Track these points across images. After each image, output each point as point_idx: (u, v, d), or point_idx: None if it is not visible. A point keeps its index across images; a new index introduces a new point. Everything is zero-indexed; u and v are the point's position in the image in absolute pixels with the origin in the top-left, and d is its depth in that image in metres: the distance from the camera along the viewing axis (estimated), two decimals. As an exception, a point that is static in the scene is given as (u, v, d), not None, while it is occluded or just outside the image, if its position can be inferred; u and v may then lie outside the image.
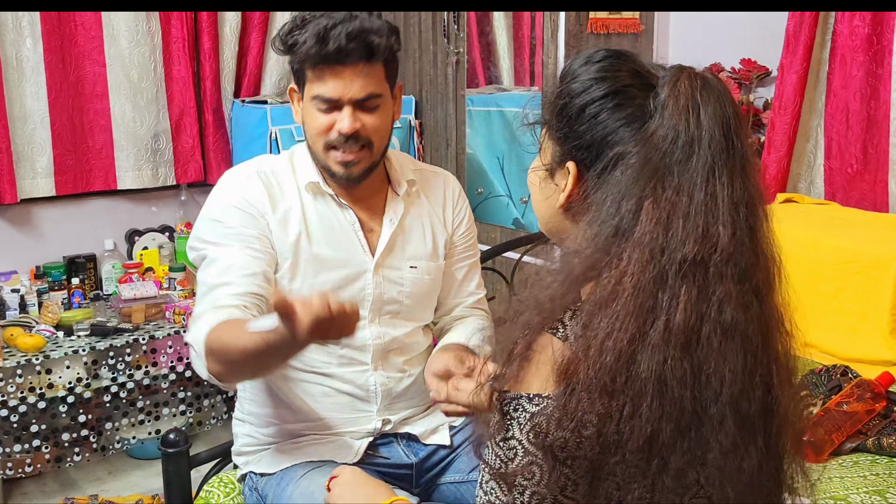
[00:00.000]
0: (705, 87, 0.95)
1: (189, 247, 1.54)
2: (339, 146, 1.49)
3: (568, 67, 1.01)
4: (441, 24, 3.21)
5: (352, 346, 1.54)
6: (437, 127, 3.34)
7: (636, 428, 0.86)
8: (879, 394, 1.77)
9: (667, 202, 0.90)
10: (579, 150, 0.97)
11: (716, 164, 0.91)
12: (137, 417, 2.78)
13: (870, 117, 2.56)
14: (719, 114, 0.93)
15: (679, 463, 0.90)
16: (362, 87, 1.46)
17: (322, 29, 1.42)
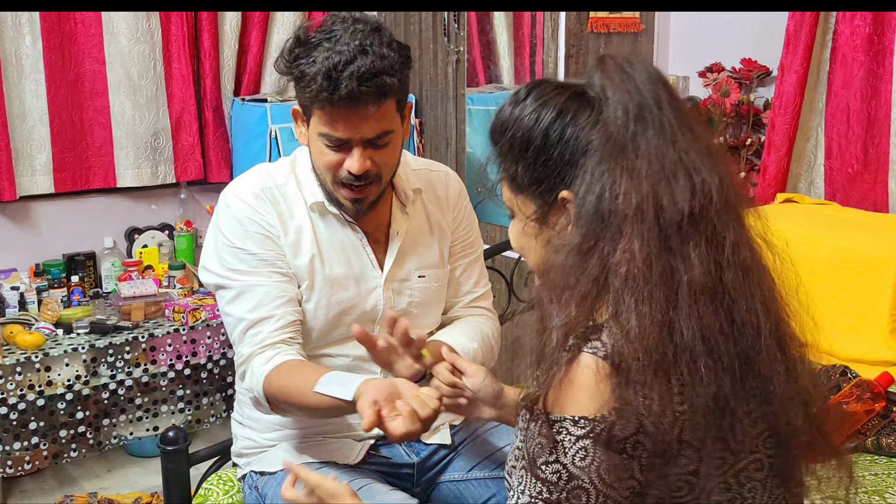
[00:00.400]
0: (628, 61, 0.98)
1: (208, 272, 1.50)
2: (347, 183, 1.44)
3: (503, 117, 1.03)
4: (441, 23, 3.21)
5: (362, 356, 1.52)
6: (437, 126, 3.34)
7: (699, 392, 0.87)
8: (879, 394, 1.77)
9: (640, 170, 0.91)
10: (562, 174, 0.97)
11: (672, 120, 0.94)
12: (136, 415, 2.78)
13: (870, 117, 2.56)
14: (652, 75, 0.96)
15: (747, 409, 0.92)
16: (373, 127, 1.40)
17: (331, 68, 1.34)
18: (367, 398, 1.18)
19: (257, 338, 1.43)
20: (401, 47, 1.42)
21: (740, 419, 0.92)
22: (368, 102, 1.36)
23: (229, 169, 3.27)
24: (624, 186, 0.91)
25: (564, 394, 0.90)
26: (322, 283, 1.50)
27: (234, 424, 1.65)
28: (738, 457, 0.93)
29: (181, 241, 3.16)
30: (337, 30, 1.38)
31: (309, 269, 1.49)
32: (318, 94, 1.35)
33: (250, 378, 1.43)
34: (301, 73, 1.38)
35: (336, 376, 1.32)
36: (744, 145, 3.00)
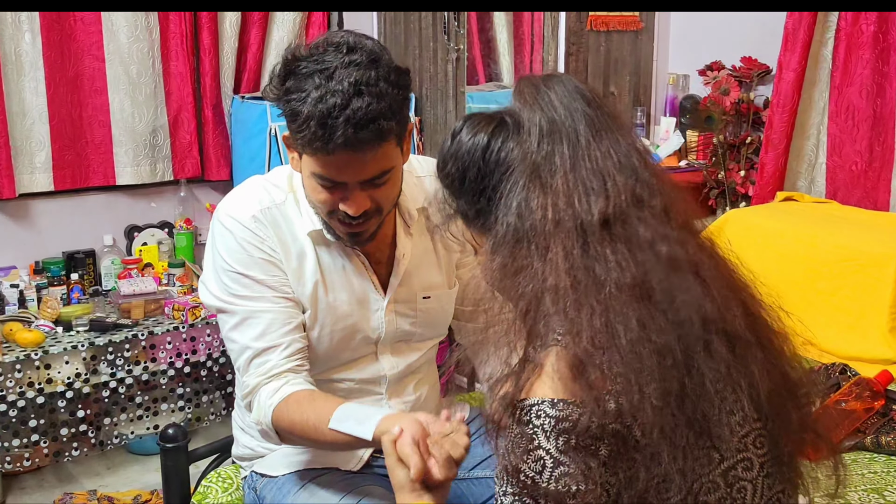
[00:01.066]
0: (547, 79, 1.00)
1: (209, 294, 1.44)
2: (344, 220, 1.36)
3: (442, 153, 1.06)
4: (441, 21, 3.21)
5: (366, 379, 1.52)
6: (436, 124, 3.34)
7: (647, 390, 0.87)
8: (878, 392, 1.77)
9: (556, 185, 0.93)
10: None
11: (591, 130, 0.96)
12: (136, 413, 2.78)
13: (875, 115, 2.57)
14: (570, 88, 0.98)
15: (725, 408, 0.92)
16: (372, 170, 1.31)
17: (326, 115, 1.23)
18: (405, 441, 1.10)
19: (263, 367, 1.38)
20: (399, 77, 1.31)
21: (716, 417, 0.91)
22: (366, 148, 1.27)
23: (229, 167, 3.27)
24: (539, 202, 0.93)
25: (538, 380, 0.90)
26: (326, 310, 1.45)
27: (235, 428, 1.63)
28: (725, 455, 0.93)
29: (181, 238, 3.16)
30: (329, 60, 1.27)
31: (312, 298, 1.43)
32: (311, 143, 1.26)
33: (257, 411, 1.37)
34: (292, 112, 1.28)
35: (350, 410, 1.27)
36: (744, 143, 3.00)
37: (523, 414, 0.89)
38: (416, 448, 1.09)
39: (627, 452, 0.88)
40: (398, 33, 3.40)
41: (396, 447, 1.11)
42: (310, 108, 1.24)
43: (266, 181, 1.48)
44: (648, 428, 0.87)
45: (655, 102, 3.51)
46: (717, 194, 3.06)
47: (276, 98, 1.32)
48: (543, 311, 0.92)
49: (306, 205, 1.43)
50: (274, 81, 1.32)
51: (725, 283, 0.96)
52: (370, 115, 1.24)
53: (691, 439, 0.90)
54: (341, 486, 1.44)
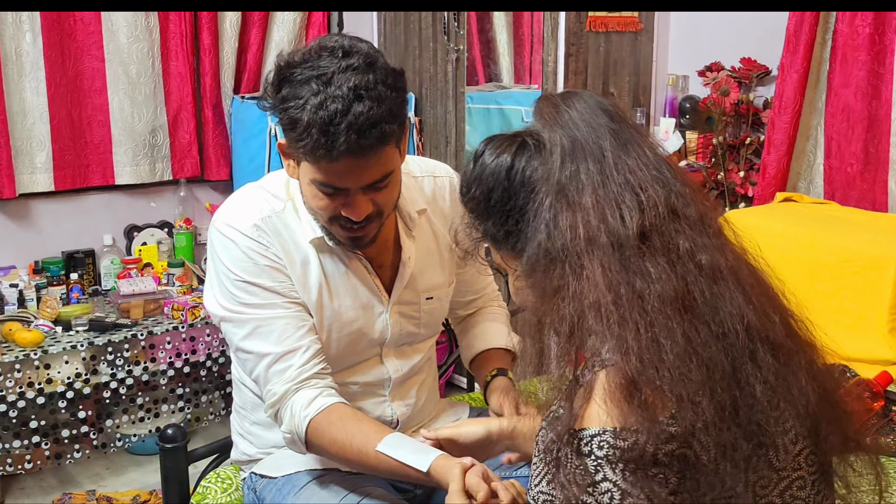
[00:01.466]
0: (566, 95, 1.00)
1: (216, 304, 1.42)
2: (345, 225, 1.35)
3: (465, 177, 1.05)
4: (441, 22, 3.21)
5: (370, 382, 1.52)
6: (436, 124, 3.34)
7: (699, 407, 0.85)
8: (878, 393, 1.77)
9: (585, 203, 0.92)
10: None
11: (617, 145, 0.95)
12: (137, 414, 2.78)
13: (871, 116, 2.57)
14: (592, 104, 0.98)
15: (782, 427, 0.91)
16: (374, 174, 1.29)
17: (327, 122, 1.21)
18: (476, 471, 1.15)
19: (287, 374, 1.35)
20: (396, 79, 1.29)
21: (772, 433, 0.90)
22: (369, 153, 1.25)
23: (228, 167, 3.27)
24: (569, 221, 0.92)
25: (592, 407, 0.89)
26: (331, 317, 1.44)
27: (234, 434, 1.63)
28: (781, 475, 0.92)
29: (180, 238, 3.16)
30: (325, 65, 1.24)
31: (318, 305, 1.42)
32: (314, 151, 1.24)
33: (290, 421, 1.34)
34: (291, 120, 1.25)
35: (404, 440, 1.27)
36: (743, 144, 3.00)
37: (583, 445, 0.88)
38: (484, 482, 1.14)
39: (692, 475, 0.86)
40: (398, 34, 3.40)
41: (466, 476, 1.15)
42: (310, 116, 1.22)
43: (262, 189, 1.46)
44: (707, 446, 0.85)
45: (655, 103, 3.51)
46: (717, 195, 3.06)
47: (271, 107, 1.30)
48: (587, 330, 0.90)
49: (305, 212, 1.42)
50: (268, 90, 1.30)
51: (763, 290, 0.96)
52: (372, 119, 1.22)
53: (749, 455, 0.88)
54: (342, 487, 1.44)
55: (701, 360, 0.87)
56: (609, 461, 0.86)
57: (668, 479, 0.85)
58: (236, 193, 1.49)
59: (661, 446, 0.85)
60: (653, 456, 0.85)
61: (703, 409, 0.85)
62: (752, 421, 0.88)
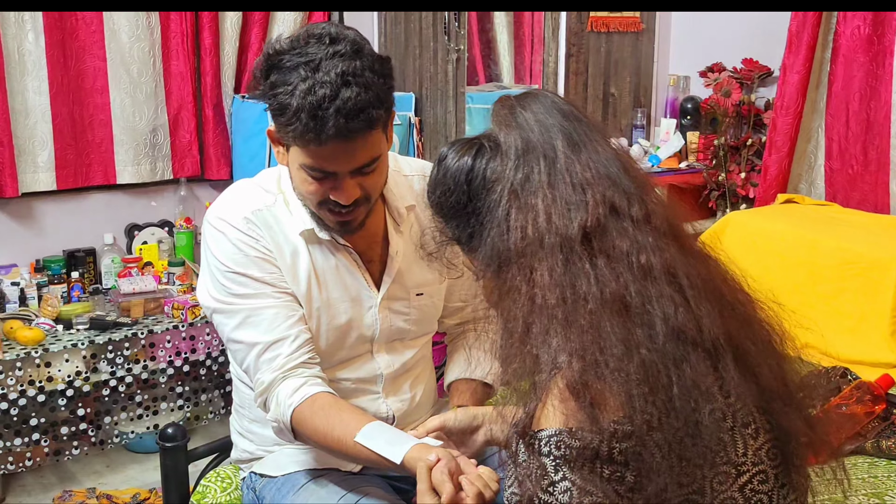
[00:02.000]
0: (522, 97, 1.01)
1: (208, 296, 1.44)
2: (334, 209, 1.37)
3: (430, 180, 1.07)
4: (442, 22, 3.21)
5: (362, 378, 1.52)
6: (436, 124, 3.34)
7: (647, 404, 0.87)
8: (879, 396, 1.77)
9: (536, 204, 0.94)
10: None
11: (569, 145, 0.96)
12: (136, 412, 2.78)
13: (870, 118, 2.57)
14: (547, 104, 0.99)
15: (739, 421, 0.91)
16: (361, 158, 1.32)
17: (316, 106, 1.24)
18: (440, 469, 1.13)
19: (276, 362, 1.37)
20: (383, 66, 1.32)
21: (730, 430, 0.91)
22: (357, 137, 1.28)
23: (229, 166, 3.27)
24: (520, 222, 0.94)
25: (548, 409, 0.90)
26: (320, 309, 1.45)
27: (234, 433, 1.63)
28: (741, 469, 0.92)
29: (181, 237, 3.16)
30: (313, 52, 1.27)
31: (307, 297, 1.44)
32: (303, 135, 1.26)
33: (275, 409, 1.36)
34: (280, 106, 1.28)
35: (382, 430, 1.28)
36: (744, 145, 3.00)
37: (542, 445, 0.89)
38: (450, 477, 1.12)
39: (647, 472, 0.87)
40: (398, 33, 3.40)
41: (431, 474, 1.13)
42: (299, 101, 1.25)
43: (253, 185, 1.49)
44: (659, 443, 0.86)
45: (656, 104, 3.51)
46: (718, 196, 3.06)
47: (261, 94, 1.33)
48: (537, 333, 0.91)
49: (296, 205, 1.44)
50: (257, 77, 1.33)
51: (707, 288, 0.95)
52: (359, 104, 1.25)
53: (703, 451, 0.89)
54: (341, 487, 1.44)
55: (639, 360, 0.88)
56: (567, 460, 0.87)
57: (624, 477, 0.87)
58: (229, 189, 1.51)
59: (615, 444, 0.86)
60: (608, 454, 0.86)
61: (649, 408, 0.87)
62: (696, 418, 0.89)
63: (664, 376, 0.88)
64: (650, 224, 0.95)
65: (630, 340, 0.88)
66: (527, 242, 0.93)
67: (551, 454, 0.88)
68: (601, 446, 0.86)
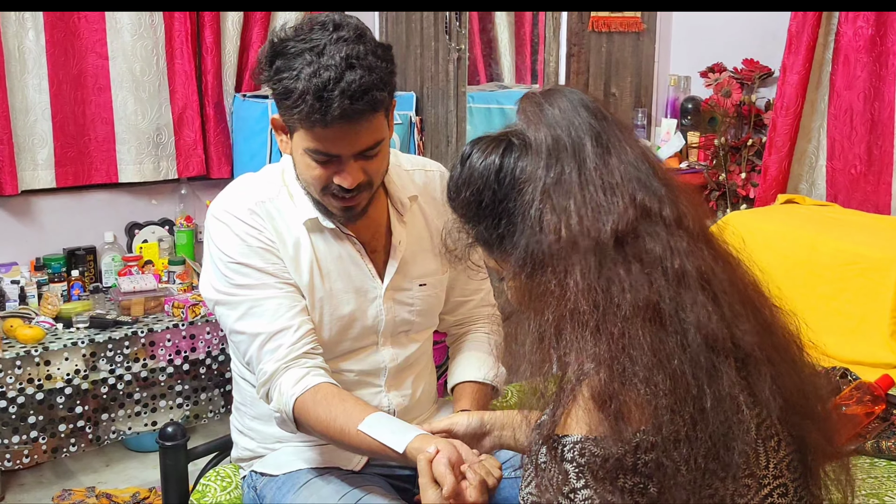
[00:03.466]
0: (549, 93, 0.98)
1: (211, 288, 1.45)
2: (338, 194, 1.39)
3: (454, 179, 1.04)
4: (443, 21, 3.21)
5: (366, 370, 1.52)
6: (437, 123, 3.34)
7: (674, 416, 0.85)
8: (879, 397, 1.77)
9: (567, 205, 0.92)
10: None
11: (598, 144, 0.94)
12: (135, 410, 2.78)
13: (874, 118, 2.57)
14: (574, 101, 0.96)
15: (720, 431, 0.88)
16: (365, 141, 1.34)
17: (321, 88, 1.26)
18: (441, 461, 1.12)
19: (278, 353, 1.37)
20: (385, 52, 1.35)
21: (753, 442, 0.89)
22: (361, 119, 1.30)
23: (230, 165, 3.27)
24: (553, 224, 0.91)
25: (575, 415, 0.88)
26: (323, 299, 1.46)
27: (234, 431, 1.63)
28: (762, 483, 0.91)
29: (181, 236, 3.16)
30: (317, 38, 1.30)
31: (310, 287, 1.44)
32: (308, 116, 1.28)
33: (278, 399, 1.37)
34: (285, 90, 1.30)
35: (385, 419, 1.28)
36: (745, 146, 3.00)
37: (566, 451, 0.87)
38: (451, 469, 1.11)
39: (670, 485, 0.86)
40: (400, 33, 3.39)
41: (432, 466, 1.12)
42: (304, 84, 1.27)
43: (257, 178, 1.51)
44: (685, 456, 0.85)
45: (656, 104, 3.51)
46: (718, 196, 3.06)
47: (266, 79, 1.35)
48: (567, 337, 0.90)
49: (300, 196, 1.45)
50: (262, 64, 1.35)
51: (738, 294, 0.94)
52: (364, 86, 1.27)
53: (727, 463, 0.87)
54: (342, 486, 1.44)
55: (667, 372, 0.86)
56: (590, 469, 0.86)
57: (647, 489, 0.85)
58: (232, 182, 1.52)
59: (639, 456, 0.85)
60: (632, 465, 0.85)
61: (677, 420, 0.85)
62: (725, 430, 0.87)
63: (694, 388, 0.86)
64: (682, 227, 0.93)
65: (661, 351, 0.86)
66: (561, 245, 0.91)
67: (574, 461, 0.87)
68: (625, 457, 0.85)
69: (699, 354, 0.88)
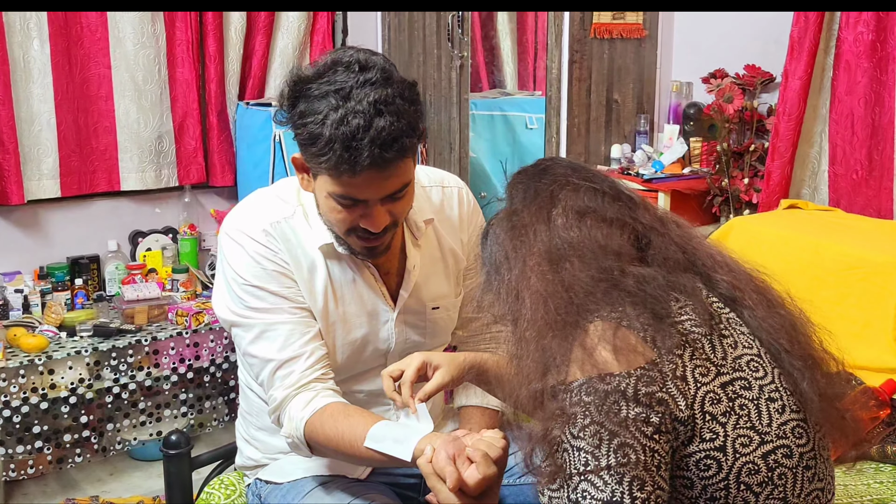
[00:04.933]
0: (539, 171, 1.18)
1: (225, 309, 1.43)
2: (362, 236, 1.36)
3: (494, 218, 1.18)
4: (445, 28, 3.22)
5: (375, 391, 1.52)
6: (440, 131, 3.34)
7: (680, 359, 0.96)
8: (884, 401, 1.76)
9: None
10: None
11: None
12: (139, 419, 2.78)
13: (875, 124, 2.57)
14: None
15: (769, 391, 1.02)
16: (393, 185, 1.30)
17: (350, 137, 1.22)
18: (440, 456, 1.10)
19: (289, 379, 1.37)
20: (412, 92, 1.30)
21: (756, 400, 0.97)
22: (390, 166, 1.26)
23: (233, 173, 3.28)
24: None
25: (584, 360, 0.94)
26: (336, 323, 1.45)
27: (239, 439, 1.63)
28: (765, 438, 0.96)
29: (185, 244, 3.16)
30: (342, 80, 1.25)
31: (323, 311, 1.43)
32: (337, 166, 1.24)
33: (288, 424, 1.36)
34: (310, 136, 1.25)
35: (387, 430, 1.27)
36: (747, 151, 3.00)
37: (573, 395, 0.93)
38: (452, 461, 1.09)
39: (671, 419, 0.92)
40: (402, 40, 3.40)
41: (433, 465, 1.11)
42: (332, 131, 1.22)
43: (273, 195, 1.47)
44: (685, 393, 0.93)
45: (659, 110, 3.51)
46: (721, 202, 3.06)
47: (287, 121, 1.31)
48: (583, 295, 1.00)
49: (315, 218, 1.43)
50: (283, 105, 1.30)
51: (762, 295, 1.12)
52: (394, 133, 1.23)
53: (725, 409, 0.95)
54: (347, 493, 1.44)
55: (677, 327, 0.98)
56: (596, 405, 0.91)
57: (648, 419, 0.91)
58: (247, 199, 1.49)
59: (640, 388, 0.91)
60: (633, 395, 0.91)
61: (680, 362, 0.95)
62: (732, 376, 0.97)
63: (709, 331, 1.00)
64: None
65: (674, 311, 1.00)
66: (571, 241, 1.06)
67: (581, 401, 0.91)
68: (627, 389, 0.91)
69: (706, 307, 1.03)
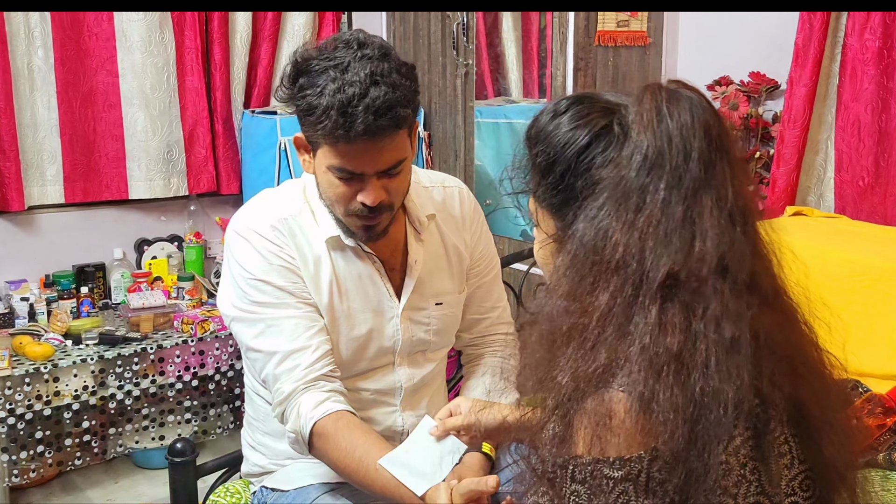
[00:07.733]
0: (672, 100, 0.91)
1: (229, 304, 1.45)
2: (361, 213, 1.39)
3: (538, 128, 0.98)
4: (450, 36, 3.22)
5: (382, 390, 1.52)
6: (445, 138, 3.35)
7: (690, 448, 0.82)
8: (890, 409, 1.75)
9: (638, 225, 0.86)
10: (581, 205, 0.91)
11: (699, 176, 0.87)
12: (143, 425, 2.78)
13: (881, 130, 2.56)
14: (693, 122, 0.88)
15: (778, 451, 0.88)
16: (388, 159, 1.35)
17: (346, 103, 1.27)
18: (461, 497, 1.16)
19: (295, 373, 1.37)
20: (409, 70, 1.35)
21: (765, 460, 0.87)
22: (384, 136, 1.30)
23: (239, 181, 3.28)
24: (616, 237, 0.86)
25: (597, 435, 0.84)
26: (341, 318, 1.46)
27: (245, 446, 1.63)
28: (774, 500, 0.88)
29: (190, 252, 3.17)
30: (341, 56, 1.30)
31: (328, 306, 1.44)
32: (332, 131, 1.29)
33: (295, 421, 1.36)
34: (308, 106, 1.30)
35: (406, 457, 1.27)
36: (753, 158, 2.99)
37: (577, 472, 0.85)
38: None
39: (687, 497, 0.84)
40: (407, 48, 3.41)
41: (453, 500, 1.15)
42: (328, 99, 1.27)
43: (279, 194, 1.50)
44: (697, 469, 0.83)
45: (664, 117, 3.51)
46: (726, 209, 3.05)
47: (288, 97, 1.35)
48: (572, 348, 0.87)
49: (322, 214, 1.45)
50: (285, 82, 1.35)
51: (787, 361, 0.91)
52: (388, 103, 1.28)
53: (738, 480, 0.85)
54: (353, 501, 1.44)
55: (687, 417, 0.83)
56: (602, 490, 0.84)
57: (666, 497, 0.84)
58: (254, 198, 1.52)
59: (653, 473, 0.83)
60: (645, 484, 0.83)
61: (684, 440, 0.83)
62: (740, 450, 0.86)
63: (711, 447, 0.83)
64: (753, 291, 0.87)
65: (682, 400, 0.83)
66: (610, 261, 0.86)
67: (586, 482, 0.85)
68: (639, 477, 0.83)
69: (721, 420, 0.84)
